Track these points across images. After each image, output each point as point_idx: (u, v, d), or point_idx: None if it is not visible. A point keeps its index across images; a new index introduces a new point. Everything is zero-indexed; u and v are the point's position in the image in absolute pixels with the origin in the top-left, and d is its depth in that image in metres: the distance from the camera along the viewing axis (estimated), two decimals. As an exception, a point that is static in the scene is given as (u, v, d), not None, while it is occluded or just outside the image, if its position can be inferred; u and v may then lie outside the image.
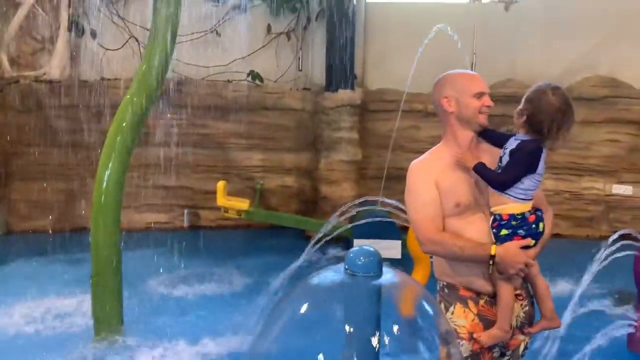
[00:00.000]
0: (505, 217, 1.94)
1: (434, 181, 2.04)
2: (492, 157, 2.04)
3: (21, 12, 5.38)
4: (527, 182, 1.93)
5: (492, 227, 1.98)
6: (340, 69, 6.07)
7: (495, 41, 6.17)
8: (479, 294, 2.05)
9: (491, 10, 6.35)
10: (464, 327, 2.04)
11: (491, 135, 2.09)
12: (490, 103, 2.07)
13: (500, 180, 1.94)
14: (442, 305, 2.09)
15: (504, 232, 1.95)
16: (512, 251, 1.95)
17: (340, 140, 6.09)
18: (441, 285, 2.14)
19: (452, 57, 5.28)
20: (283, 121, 6.38)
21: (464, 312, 2.05)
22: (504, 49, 6.20)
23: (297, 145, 6.43)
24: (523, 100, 1.95)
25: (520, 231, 1.95)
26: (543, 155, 1.95)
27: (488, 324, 2.02)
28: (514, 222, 1.95)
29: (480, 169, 1.97)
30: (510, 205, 1.95)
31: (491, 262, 1.95)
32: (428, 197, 2.04)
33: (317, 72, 6.42)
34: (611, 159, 6.15)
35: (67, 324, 3.84)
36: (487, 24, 6.17)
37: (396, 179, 5.83)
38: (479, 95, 2.06)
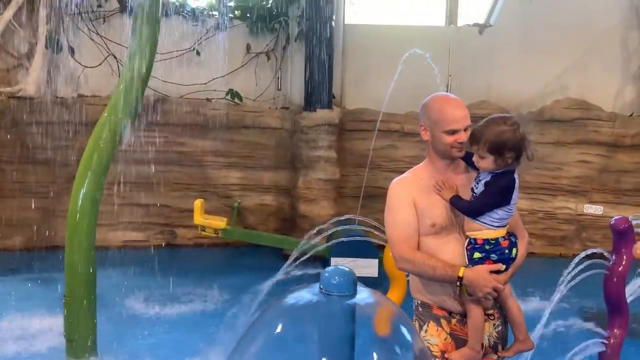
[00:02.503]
0: (479, 242, 2.01)
1: (412, 201, 2.08)
2: (468, 180, 2.10)
3: (-2, 28, 5.35)
4: (500, 212, 2.01)
5: (467, 250, 2.03)
6: (319, 89, 6.13)
7: (470, 64, 6.33)
8: (451, 313, 2.10)
9: (466, 34, 6.51)
10: (436, 345, 2.08)
11: (469, 157, 2.11)
12: (464, 139, 2.04)
13: (473, 209, 2.01)
14: (417, 324, 2.13)
15: (477, 255, 2.01)
16: (481, 275, 1.99)
17: (318, 159, 6.13)
18: (416, 303, 2.18)
19: (428, 78, 5.42)
20: (262, 140, 6.40)
21: (437, 330, 2.09)
22: (478, 72, 6.35)
23: (275, 163, 6.45)
24: (480, 141, 1.96)
25: (493, 255, 2.01)
26: (516, 186, 2.02)
27: (460, 342, 2.07)
28: (487, 247, 2.01)
29: (455, 202, 2.04)
30: (484, 231, 2.01)
31: (459, 284, 1.99)
32: (405, 215, 2.08)
33: (296, 91, 6.48)
34: (582, 179, 6.30)
35: (39, 344, 3.76)
36: (462, 47, 6.33)
37: (374, 198, 5.90)
38: (452, 132, 2.04)
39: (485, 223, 2.01)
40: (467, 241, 2.04)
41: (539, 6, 6.30)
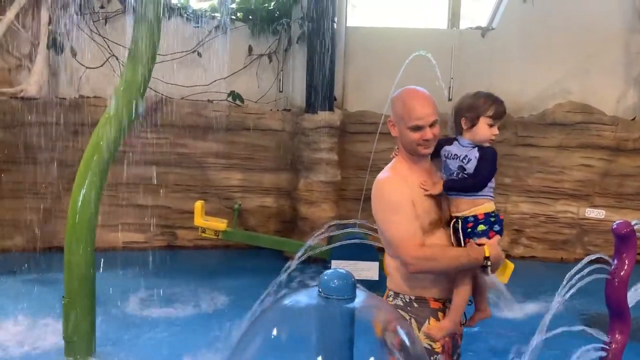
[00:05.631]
0: (481, 217, 2.07)
1: (410, 199, 2.04)
2: (439, 170, 2.16)
3: (0, 29, 5.34)
4: (493, 182, 2.13)
5: (467, 228, 2.07)
6: (321, 91, 6.13)
7: (472, 66, 6.31)
8: (444, 302, 2.10)
9: (468, 37, 6.50)
10: (438, 341, 2.06)
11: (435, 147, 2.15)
12: (429, 136, 2.03)
13: (478, 183, 2.07)
14: (414, 322, 2.09)
15: (481, 227, 2.07)
16: (495, 247, 2.05)
17: (319, 161, 6.12)
18: (408, 300, 2.11)
19: (430, 80, 5.39)
20: (263, 141, 6.40)
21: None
22: (480, 75, 6.33)
23: (276, 165, 6.44)
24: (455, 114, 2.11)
25: (496, 226, 2.10)
26: None
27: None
28: (492, 219, 2.09)
29: (451, 185, 2.09)
30: (485, 205, 2.09)
31: (488, 264, 2.02)
32: (408, 213, 2.02)
33: (298, 93, 6.47)
34: (584, 183, 6.29)
35: (38, 345, 3.75)
36: (464, 50, 6.32)
37: (374, 201, 5.89)
38: (416, 129, 2.01)
39: (487, 195, 2.09)
40: (461, 222, 2.07)
41: (541, 10, 6.28)
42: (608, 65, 6.37)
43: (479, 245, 2.03)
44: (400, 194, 2.04)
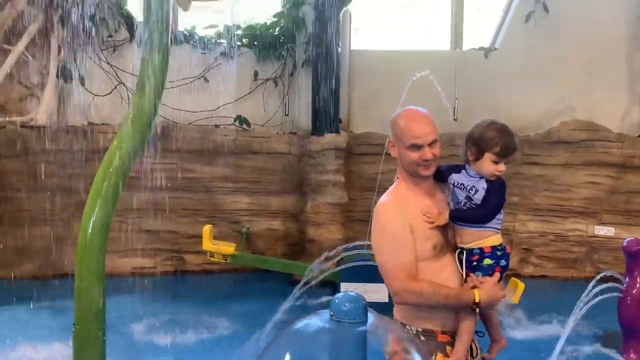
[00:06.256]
0: (487, 250, 2.02)
1: (409, 224, 1.99)
2: (444, 192, 2.09)
3: (11, 59, 5.45)
4: (501, 214, 2.07)
5: (471, 261, 2.02)
6: (326, 114, 6.18)
7: (476, 86, 6.36)
8: (453, 335, 2.05)
9: (471, 57, 6.56)
10: None
11: (441, 171, 2.11)
12: (428, 156, 1.98)
13: (486, 215, 2.02)
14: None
15: (487, 261, 2.02)
16: (491, 290, 1.99)
17: (326, 183, 6.14)
18: (414, 332, 2.05)
19: (435, 101, 5.44)
20: (270, 165, 6.43)
21: None
22: (485, 94, 6.37)
23: (283, 188, 6.47)
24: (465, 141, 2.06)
25: (502, 261, 2.04)
26: None
27: None
28: (498, 253, 2.03)
29: (458, 215, 2.04)
30: (492, 237, 2.04)
31: (476, 309, 1.97)
32: (403, 242, 1.97)
33: (303, 116, 6.52)
34: (592, 200, 6.26)
35: (47, 373, 3.75)
36: (468, 70, 6.36)
37: (382, 222, 5.89)
38: (415, 148, 1.97)
39: (493, 227, 2.03)
40: (466, 254, 2.02)
41: (543, 29, 6.34)
42: (612, 83, 6.40)
43: (481, 281, 1.99)
44: (396, 220, 1.99)
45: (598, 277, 3.15)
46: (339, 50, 6.27)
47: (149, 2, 3.42)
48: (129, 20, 6.09)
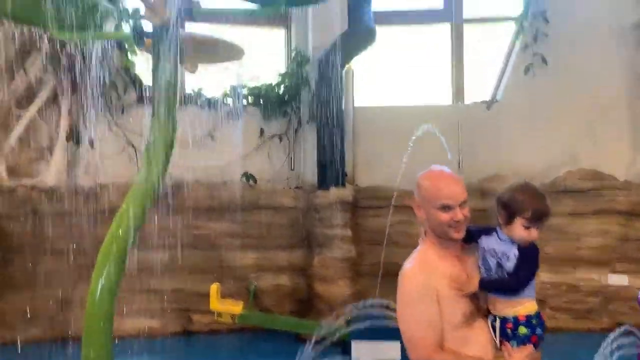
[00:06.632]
0: (522, 318, 1.92)
1: (435, 293, 1.90)
2: (474, 254, 2.01)
3: (22, 123, 5.57)
4: (534, 280, 1.97)
5: (506, 329, 1.93)
6: (331, 168, 6.23)
7: (480, 139, 6.42)
8: None
9: (474, 110, 6.66)
10: None
11: (471, 232, 2.03)
12: (460, 217, 1.91)
13: (517, 285, 1.92)
14: None
15: (523, 330, 1.92)
16: None
17: (333, 238, 6.11)
18: None
19: (439, 155, 5.48)
20: (276, 219, 6.43)
21: None
22: (489, 146, 6.43)
23: (290, 243, 6.44)
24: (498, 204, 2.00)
25: (538, 330, 1.93)
26: None
27: None
28: (534, 321, 1.93)
29: (488, 285, 1.94)
30: (527, 305, 1.94)
31: None
32: (429, 312, 1.89)
33: (309, 171, 6.58)
34: (603, 249, 6.19)
35: None
36: (471, 123, 6.45)
37: (392, 276, 5.78)
38: (445, 208, 1.91)
39: (528, 295, 1.94)
40: (499, 322, 1.93)
41: (543, 80, 6.46)
42: (615, 131, 6.46)
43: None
44: (421, 287, 1.92)
45: (615, 333, 3.08)
46: (343, 106, 6.39)
47: (157, 66, 3.53)
48: (137, 82, 6.26)
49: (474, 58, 7.08)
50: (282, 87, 6.71)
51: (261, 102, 6.68)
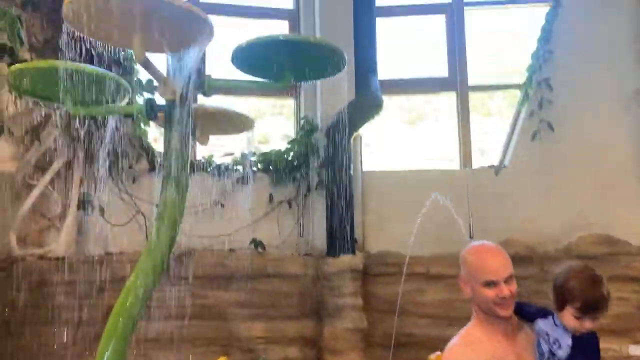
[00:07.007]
0: None
1: None
2: (527, 335, 1.92)
3: (34, 193, 5.63)
4: None
5: None
6: (341, 234, 6.18)
7: (489, 204, 6.40)
8: None
9: (482, 175, 6.67)
10: None
11: (524, 311, 1.94)
12: (506, 293, 1.84)
13: None
14: None
15: None
16: None
17: (343, 307, 5.98)
18: None
19: (449, 220, 5.47)
20: (285, 288, 6.32)
21: None
22: (499, 211, 6.39)
23: (299, 313, 6.30)
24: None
25: None
26: None
27: None
28: None
29: None
30: None
31: None
32: None
33: (318, 237, 6.53)
34: (622, 318, 6.00)
35: None
36: (480, 188, 6.45)
37: (404, 347, 5.64)
38: (490, 284, 1.86)
39: None
40: None
41: (550, 146, 6.51)
42: (627, 196, 6.42)
43: None
44: None
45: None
46: (352, 172, 6.43)
47: (169, 138, 3.59)
48: (149, 152, 6.36)
49: (480, 123, 7.18)
50: (291, 153, 6.78)
51: (270, 168, 6.74)
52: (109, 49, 3.47)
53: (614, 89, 6.61)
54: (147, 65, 3.05)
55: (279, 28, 7.25)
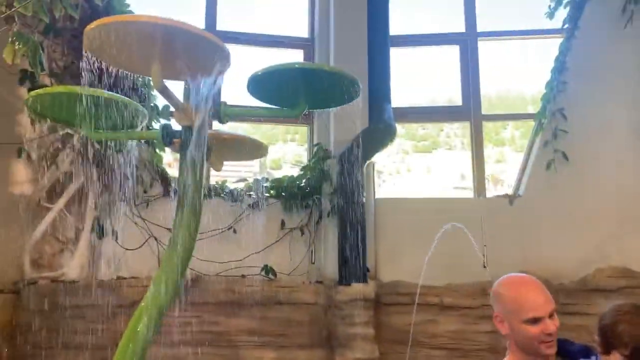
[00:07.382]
0: None
1: None
2: None
3: (49, 216, 5.67)
4: None
5: None
6: (353, 262, 6.13)
7: (504, 233, 6.32)
8: None
9: (496, 205, 6.61)
10: None
11: (566, 349, 1.80)
12: (551, 329, 1.71)
13: None
14: None
15: None
16: None
17: (355, 337, 5.89)
18: None
19: (463, 249, 5.41)
20: (296, 316, 6.25)
21: None
22: (513, 241, 6.31)
23: (310, 341, 6.21)
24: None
25: None
26: None
27: None
28: None
29: None
30: None
31: None
32: None
33: (330, 265, 6.48)
34: (641, 353, 5.84)
35: None
36: (494, 218, 6.38)
37: (416, 379, 5.54)
38: (534, 321, 1.73)
39: None
40: None
41: (565, 176, 6.45)
42: (644, 225, 6.32)
43: None
44: None
45: None
46: (364, 199, 6.41)
47: (184, 164, 3.61)
48: (163, 177, 6.40)
49: (494, 154, 7.16)
50: (303, 180, 6.79)
51: (283, 194, 6.74)
52: (127, 75, 3.53)
53: (628, 118, 6.57)
54: (165, 93, 3.09)
55: (294, 57, 7.35)
